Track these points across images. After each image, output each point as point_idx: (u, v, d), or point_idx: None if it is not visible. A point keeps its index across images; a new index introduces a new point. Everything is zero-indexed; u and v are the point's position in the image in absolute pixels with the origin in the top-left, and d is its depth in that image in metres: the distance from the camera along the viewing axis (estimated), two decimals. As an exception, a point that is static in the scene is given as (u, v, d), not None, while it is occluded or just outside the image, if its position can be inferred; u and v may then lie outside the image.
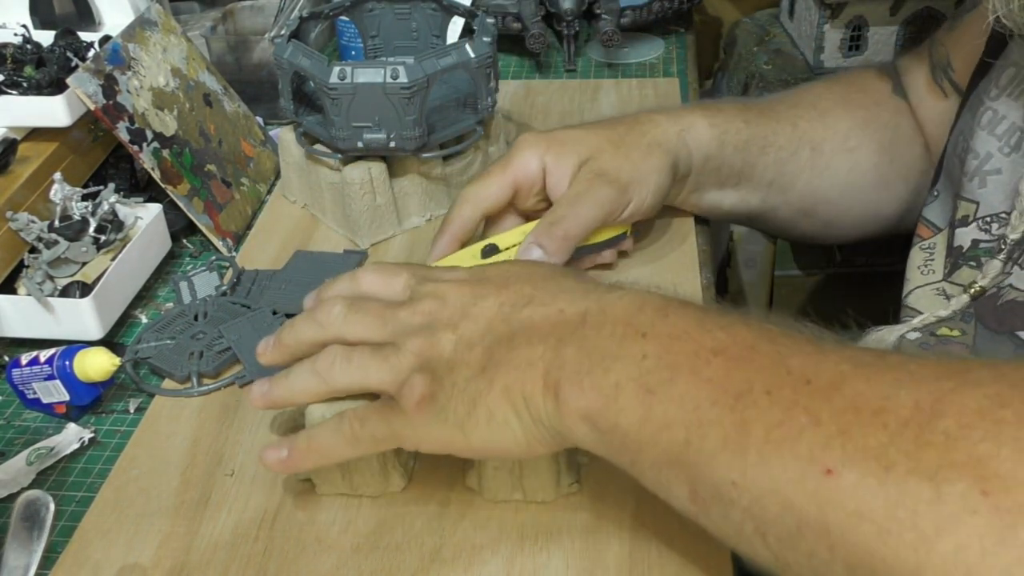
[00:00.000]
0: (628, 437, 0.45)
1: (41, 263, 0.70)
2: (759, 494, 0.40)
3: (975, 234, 0.62)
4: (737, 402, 0.41)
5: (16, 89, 0.76)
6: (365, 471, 0.55)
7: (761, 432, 0.40)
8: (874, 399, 0.38)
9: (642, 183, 0.69)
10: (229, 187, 0.84)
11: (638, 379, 0.45)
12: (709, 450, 0.42)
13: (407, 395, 0.49)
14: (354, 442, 0.52)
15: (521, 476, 0.54)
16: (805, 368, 0.41)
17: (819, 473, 0.38)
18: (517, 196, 0.71)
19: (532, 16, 1.06)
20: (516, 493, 0.54)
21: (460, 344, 0.50)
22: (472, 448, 0.50)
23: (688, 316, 0.46)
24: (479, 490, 0.55)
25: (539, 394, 0.47)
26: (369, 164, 0.77)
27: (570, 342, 0.47)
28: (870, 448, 0.37)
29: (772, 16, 1.37)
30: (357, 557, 0.53)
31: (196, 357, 0.67)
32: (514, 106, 0.99)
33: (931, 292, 0.66)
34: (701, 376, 0.43)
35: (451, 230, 0.70)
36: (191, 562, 0.54)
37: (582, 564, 0.52)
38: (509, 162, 0.70)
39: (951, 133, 0.68)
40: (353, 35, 0.99)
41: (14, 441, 0.64)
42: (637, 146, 0.70)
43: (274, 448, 0.54)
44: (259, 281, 0.75)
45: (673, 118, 0.72)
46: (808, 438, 0.39)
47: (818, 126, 0.77)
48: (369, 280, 0.56)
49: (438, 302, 0.52)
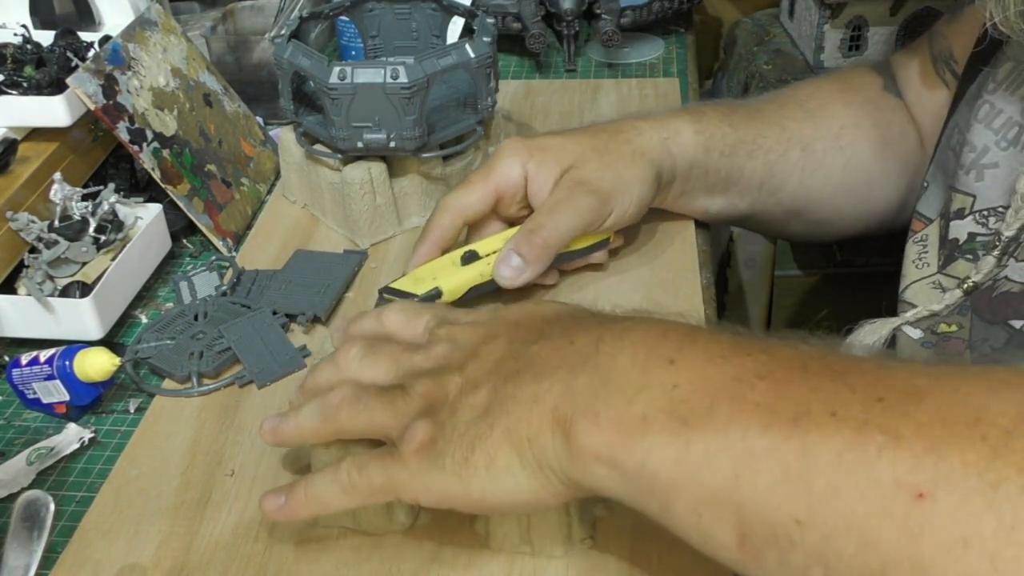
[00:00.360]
0: (659, 478, 0.39)
1: (41, 263, 0.70)
2: (830, 532, 0.34)
3: (971, 227, 0.62)
4: (795, 427, 0.36)
5: (16, 89, 0.76)
6: (369, 507, 0.53)
7: (829, 457, 0.35)
8: (966, 410, 0.34)
9: (624, 193, 0.69)
10: (229, 187, 0.84)
11: (669, 409, 0.39)
12: (764, 484, 0.36)
13: (407, 440, 0.46)
14: (352, 491, 0.48)
15: (529, 528, 0.51)
16: (872, 385, 0.36)
17: (909, 499, 0.33)
18: (499, 203, 0.70)
19: (532, 16, 1.06)
20: (524, 546, 0.51)
21: (466, 386, 0.46)
22: (472, 498, 0.45)
23: (721, 340, 0.41)
24: (485, 539, 0.52)
25: (546, 433, 0.42)
26: (369, 164, 0.77)
27: (582, 371, 0.43)
28: (970, 464, 0.32)
29: (772, 16, 1.37)
30: (357, 558, 0.53)
31: (196, 357, 0.67)
32: (514, 106, 0.99)
33: (927, 286, 0.65)
34: (747, 401, 0.38)
35: (432, 237, 0.69)
36: (191, 562, 0.53)
37: (583, 565, 0.52)
38: (491, 170, 0.70)
39: (945, 125, 0.68)
40: (353, 35, 0.99)
41: (14, 441, 0.64)
42: (620, 155, 0.69)
43: (273, 495, 0.51)
44: (259, 281, 0.75)
45: (657, 125, 0.72)
46: (889, 459, 0.34)
47: (808, 126, 0.76)
48: (393, 320, 0.55)
49: (450, 346, 0.50)
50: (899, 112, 0.78)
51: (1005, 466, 0.32)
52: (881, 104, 0.78)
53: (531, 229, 0.66)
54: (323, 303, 0.71)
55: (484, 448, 0.44)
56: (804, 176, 0.76)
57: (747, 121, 0.75)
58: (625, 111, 0.97)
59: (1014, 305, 0.57)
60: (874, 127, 0.77)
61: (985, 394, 0.34)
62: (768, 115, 0.76)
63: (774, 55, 1.27)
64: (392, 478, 0.47)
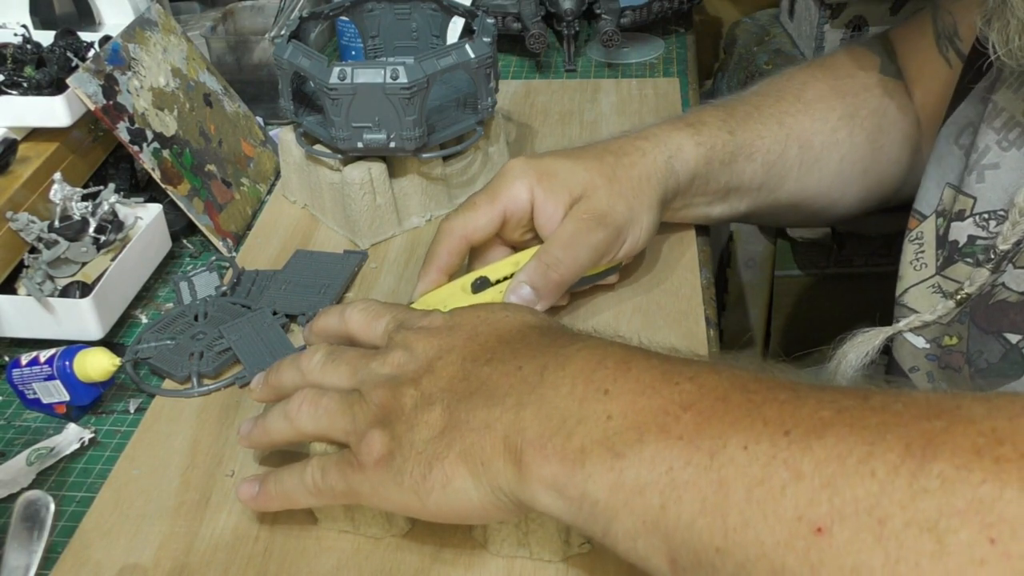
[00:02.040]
0: (598, 506, 0.42)
1: (41, 263, 0.70)
2: (744, 560, 0.37)
3: (971, 230, 0.61)
4: (712, 460, 0.39)
5: (16, 89, 0.76)
6: (367, 511, 0.54)
7: (741, 491, 0.38)
8: (859, 445, 0.36)
9: (636, 223, 0.68)
10: (229, 187, 0.84)
11: (604, 442, 0.42)
12: (687, 515, 0.39)
13: (366, 452, 0.48)
14: (315, 492, 0.51)
15: (527, 533, 0.52)
16: (782, 418, 0.39)
17: (808, 532, 0.35)
18: (504, 227, 0.68)
19: (532, 16, 1.06)
20: (522, 550, 0.52)
21: (421, 401, 0.48)
22: (429, 512, 0.48)
23: (652, 368, 0.44)
24: (483, 544, 0.53)
25: (498, 460, 0.45)
26: (369, 164, 0.77)
27: (528, 402, 0.45)
28: (860, 500, 0.35)
29: (772, 16, 1.37)
30: (357, 558, 0.53)
31: (196, 357, 0.67)
32: (514, 106, 0.99)
33: (926, 289, 0.65)
34: (671, 434, 0.41)
35: (437, 263, 0.67)
36: (191, 563, 0.54)
37: (583, 565, 0.52)
38: (497, 192, 0.67)
39: (946, 117, 0.67)
40: (353, 35, 0.99)
41: (14, 441, 0.64)
42: (628, 180, 0.68)
43: (250, 482, 0.54)
44: (259, 281, 0.75)
45: (660, 144, 0.71)
46: (792, 494, 0.36)
47: (805, 120, 0.76)
48: (355, 319, 0.56)
49: (407, 354, 0.51)
50: (897, 94, 0.77)
51: (890, 502, 0.34)
52: (877, 91, 0.77)
53: (547, 264, 0.65)
54: (323, 303, 0.71)
55: (441, 468, 0.46)
56: (802, 172, 0.76)
57: (745, 123, 0.74)
58: (625, 111, 0.97)
59: (1010, 316, 0.56)
60: (871, 115, 0.76)
61: (877, 429, 0.36)
62: (765, 112, 0.76)
63: (774, 55, 1.27)
64: (352, 486, 0.49)
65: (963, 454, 0.34)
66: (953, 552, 0.32)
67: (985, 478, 0.33)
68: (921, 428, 0.36)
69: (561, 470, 0.43)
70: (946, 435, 0.35)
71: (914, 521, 0.33)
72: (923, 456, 0.35)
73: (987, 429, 0.34)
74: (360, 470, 0.49)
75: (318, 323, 0.59)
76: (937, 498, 0.33)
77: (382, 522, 0.54)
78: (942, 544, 0.33)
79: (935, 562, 0.33)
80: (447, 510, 0.47)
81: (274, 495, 0.53)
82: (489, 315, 0.52)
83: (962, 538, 0.32)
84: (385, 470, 0.48)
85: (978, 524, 0.32)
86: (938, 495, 0.33)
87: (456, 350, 0.50)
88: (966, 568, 0.32)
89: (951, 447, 0.34)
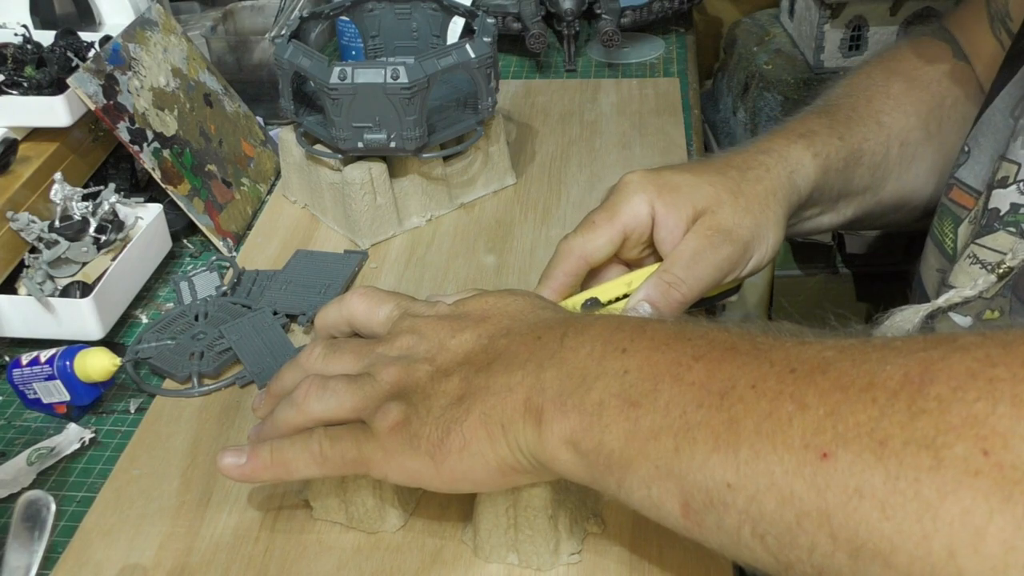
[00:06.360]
0: (614, 455, 0.43)
1: (41, 263, 0.70)
2: (755, 491, 0.39)
3: (1014, 197, 0.59)
4: (723, 400, 0.41)
5: (16, 89, 0.76)
6: (360, 505, 0.54)
7: (751, 426, 0.39)
8: (860, 376, 0.38)
9: (762, 239, 0.64)
10: (229, 187, 0.84)
11: (621, 394, 0.44)
12: (700, 454, 0.41)
13: (380, 420, 0.48)
14: (321, 461, 0.50)
15: (516, 539, 0.51)
16: (788, 359, 0.41)
17: (815, 458, 0.37)
18: (622, 245, 0.64)
19: (532, 16, 1.06)
20: (511, 556, 0.52)
21: (437, 373, 0.49)
22: (441, 478, 0.48)
23: (666, 329, 0.46)
24: (473, 548, 0.53)
25: (519, 420, 0.46)
26: (369, 164, 0.77)
27: (549, 365, 0.46)
28: (862, 424, 0.37)
29: (772, 16, 1.38)
30: (358, 558, 0.53)
31: (197, 357, 0.67)
32: (514, 106, 0.99)
33: (964, 261, 0.62)
34: (684, 381, 0.42)
35: (553, 284, 0.63)
36: (192, 562, 0.54)
37: (582, 564, 0.52)
38: (617, 210, 0.63)
39: (992, 88, 0.65)
40: (353, 35, 0.99)
41: (15, 441, 0.64)
42: (754, 195, 0.64)
43: (233, 452, 0.52)
44: (259, 281, 0.75)
45: (781, 160, 0.67)
46: (799, 424, 0.38)
47: (899, 116, 0.74)
48: (356, 305, 0.56)
49: (415, 337, 0.51)
50: (972, 81, 0.76)
51: (890, 424, 0.36)
52: (957, 77, 0.75)
53: (670, 282, 0.61)
54: (323, 303, 0.71)
55: (460, 431, 0.47)
56: (901, 170, 0.74)
57: (850, 125, 0.72)
58: (625, 111, 0.97)
59: None
60: (955, 104, 0.75)
61: (878, 362, 0.38)
62: (862, 112, 0.73)
63: (774, 55, 1.28)
64: (365, 453, 0.49)
65: (959, 377, 0.36)
66: (949, 465, 0.34)
67: (979, 396, 0.35)
68: (919, 358, 0.37)
69: (579, 423, 0.44)
70: (943, 363, 0.37)
71: (912, 439, 0.35)
72: (921, 381, 0.36)
73: (981, 355, 0.36)
74: (374, 438, 0.49)
75: (318, 320, 0.58)
76: (934, 417, 0.35)
77: (376, 518, 0.54)
78: (939, 458, 0.34)
79: (932, 475, 0.34)
80: (459, 475, 0.47)
81: (269, 463, 0.51)
82: (498, 300, 0.53)
83: (957, 452, 0.34)
84: (400, 435, 0.48)
85: (972, 438, 0.34)
86: (935, 414, 0.35)
87: (469, 330, 0.50)
88: (961, 479, 0.34)
89: (947, 372, 0.36)
